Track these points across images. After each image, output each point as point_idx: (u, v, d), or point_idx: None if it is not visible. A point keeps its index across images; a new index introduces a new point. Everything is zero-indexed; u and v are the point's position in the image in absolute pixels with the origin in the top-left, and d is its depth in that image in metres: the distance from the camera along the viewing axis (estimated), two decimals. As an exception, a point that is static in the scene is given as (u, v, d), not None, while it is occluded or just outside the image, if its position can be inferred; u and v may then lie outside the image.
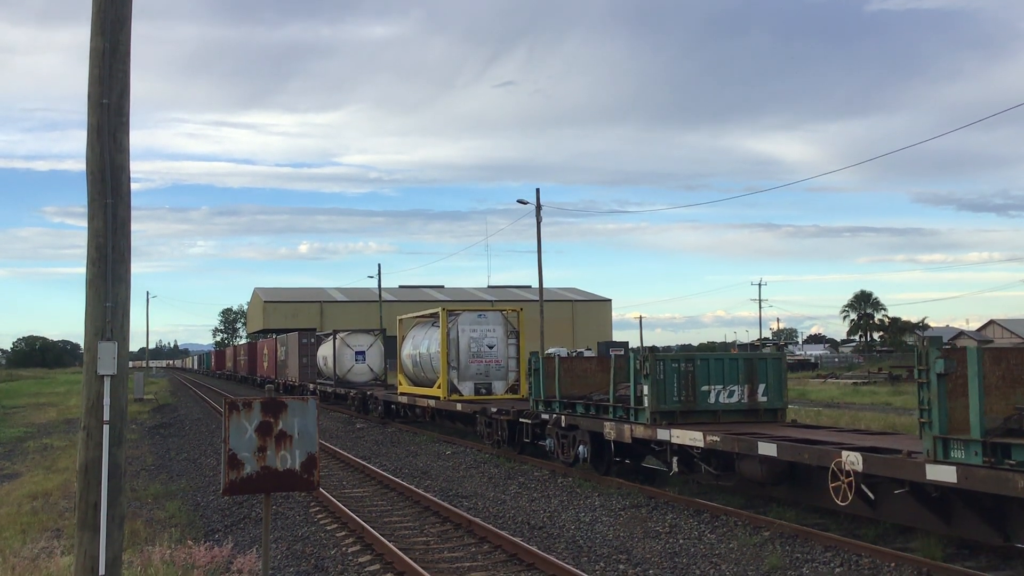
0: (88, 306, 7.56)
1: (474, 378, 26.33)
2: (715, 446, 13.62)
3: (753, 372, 16.03)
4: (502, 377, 26.60)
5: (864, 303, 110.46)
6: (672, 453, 14.95)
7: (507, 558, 11.30)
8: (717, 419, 15.61)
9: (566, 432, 18.13)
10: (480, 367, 26.44)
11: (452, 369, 26.15)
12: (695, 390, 15.66)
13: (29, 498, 16.59)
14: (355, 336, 42.26)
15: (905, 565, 10.24)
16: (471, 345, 26.31)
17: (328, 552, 12.04)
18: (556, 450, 18.57)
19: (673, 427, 14.79)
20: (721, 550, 11.60)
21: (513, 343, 26.80)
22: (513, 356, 26.80)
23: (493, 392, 26.20)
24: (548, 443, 18.96)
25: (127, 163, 7.73)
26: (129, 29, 7.74)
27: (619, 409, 16.62)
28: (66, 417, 38.05)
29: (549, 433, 18.88)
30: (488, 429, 22.59)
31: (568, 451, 18.08)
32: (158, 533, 12.98)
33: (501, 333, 26.70)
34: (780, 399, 16.24)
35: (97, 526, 7.38)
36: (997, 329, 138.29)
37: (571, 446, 17.93)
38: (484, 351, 26.46)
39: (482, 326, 26.50)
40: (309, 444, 8.34)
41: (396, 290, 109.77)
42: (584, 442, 17.41)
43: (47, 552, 11.60)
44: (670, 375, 15.49)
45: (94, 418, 7.49)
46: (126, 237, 7.68)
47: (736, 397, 15.89)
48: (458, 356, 26.22)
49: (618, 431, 16.11)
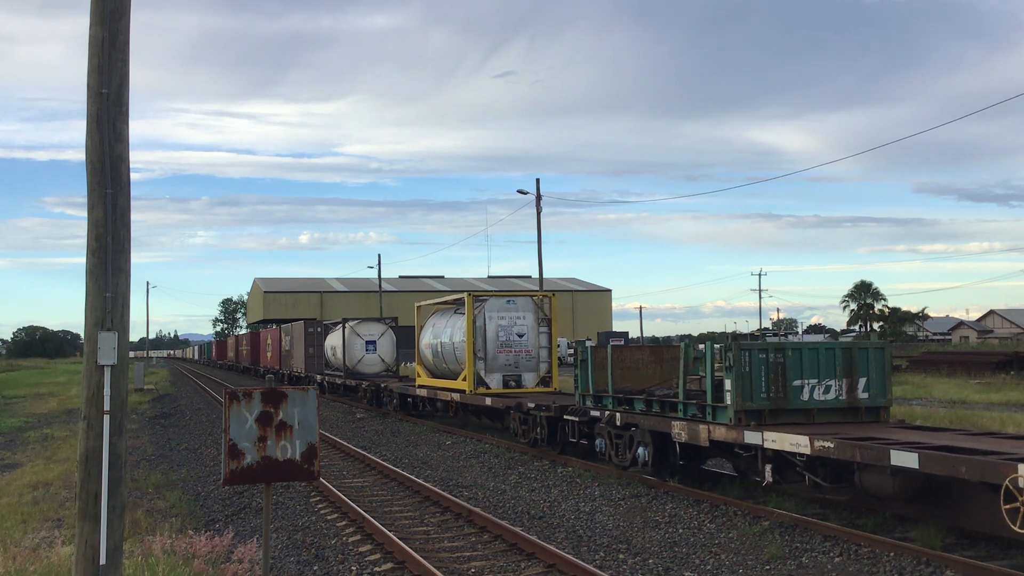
0: (88, 296, 7.56)
1: (502, 370, 24.34)
2: (826, 453, 11.54)
3: (853, 364, 13.81)
4: (533, 369, 24.65)
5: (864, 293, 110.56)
6: (765, 460, 12.84)
7: (507, 548, 11.32)
8: (811, 419, 13.56)
9: (621, 432, 16.23)
10: (509, 358, 24.43)
11: (479, 360, 24.13)
12: (786, 385, 13.51)
13: (30, 488, 16.62)
14: (365, 325, 40.54)
15: (904, 554, 10.27)
16: (499, 334, 24.30)
17: (328, 542, 12.07)
18: (608, 451, 16.69)
19: (766, 429, 12.76)
20: (721, 540, 11.63)
21: (544, 331, 24.74)
22: (544, 346, 24.76)
23: (523, 385, 24.39)
24: (598, 443, 17.04)
25: (127, 153, 7.72)
26: (128, 18, 7.72)
27: (691, 407, 14.56)
28: (66, 407, 38.11)
29: (600, 432, 17.00)
30: (523, 427, 20.63)
31: (623, 453, 16.14)
32: (159, 523, 13.01)
33: (531, 320, 24.60)
34: (883, 396, 14.04)
35: (98, 516, 7.39)
36: (997, 319, 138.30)
37: (627, 447, 16.03)
38: (513, 340, 24.44)
39: (511, 313, 24.43)
40: (309, 434, 8.34)
41: (396, 280, 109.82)
42: (644, 443, 15.48)
43: (48, 542, 11.63)
44: (757, 368, 13.40)
45: (94, 408, 7.50)
46: (126, 227, 7.67)
47: (833, 393, 13.72)
48: (485, 346, 24.18)
49: (691, 432, 14.08)
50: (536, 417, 19.74)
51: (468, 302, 24.32)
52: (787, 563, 10.42)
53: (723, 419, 13.63)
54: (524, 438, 20.56)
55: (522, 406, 20.53)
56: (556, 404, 19.13)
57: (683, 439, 14.36)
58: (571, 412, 18.14)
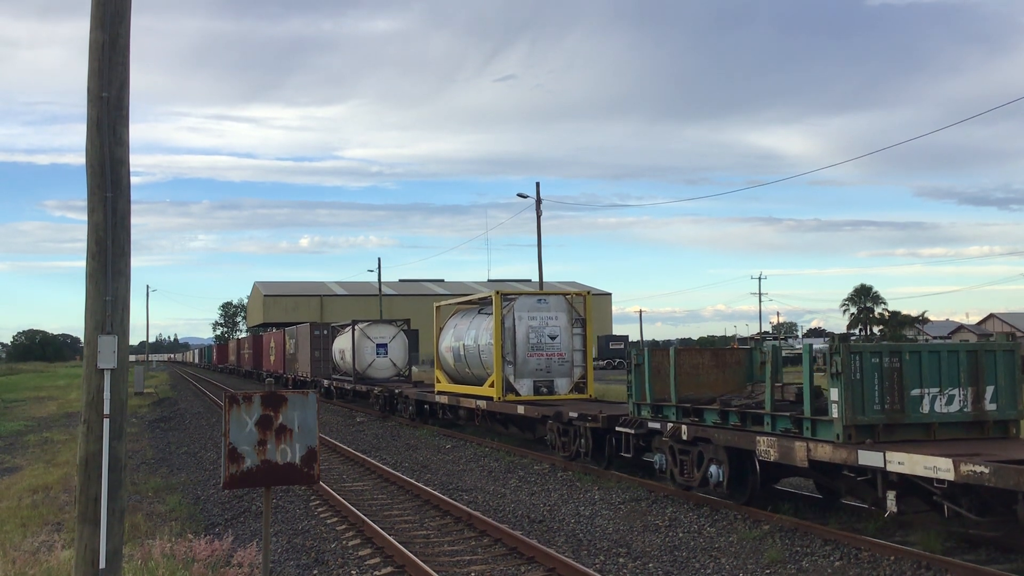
0: (88, 300, 7.55)
1: (533, 375, 22.33)
2: (978, 481, 9.38)
3: (979, 370, 11.81)
4: (566, 373, 22.60)
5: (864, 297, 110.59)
6: (888, 485, 10.72)
7: (507, 551, 11.31)
8: (931, 435, 11.56)
9: (687, 447, 14.30)
10: (540, 362, 22.42)
11: (507, 364, 22.14)
12: (903, 395, 11.49)
13: (29, 492, 16.61)
14: (376, 327, 38.58)
15: (904, 558, 10.25)
16: (530, 335, 22.26)
17: (328, 546, 12.06)
18: (670, 468, 14.80)
19: (887, 448, 10.63)
20: (721, 544, 11.61)
21: (579, 333, 22.75)
22: (579, 348, 22.76)
23: (556, 391, 22.37)
24: (658, 460, 15.15)
25: (127, 157, 7.72)
26: (128, 22, 7.72)
27: (782, 420, 12.40)
28: (66, 411, 38.10)
29: (659, 447, 15.08)
30: (562, 438, 18.69)
31: (689, 471, 14.24)
32: (158, 527, 13.00)
33: (564, 321, 22.61)
34: (1013, 407, 11.92)
35: (97, 520, 7.38)
36: (997, 323, 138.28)
37: (694, 465, 14.10)
38: (545, 342, 22.39)
39: (542, 313, 22.43)
40: (309, 438, 8.33)
41: (396, 284, 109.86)
42: (718, 461, 13.47)
43: (47, 546, 11.61)
44: (869, 374, 11.42)
45: (94, 412, 7.49)
46: (126, 231, 7.67)
47: (956, 404, 11.70)
48: (514, 349, 22.15)
49: (782, 450, 12.00)
50: (579, 428, 17.83)
51: (496, 301, 22.43)
52: (787, 567, 10.41)
53: (827, 435, 11.56)
54: (563, 451, 18.64)
55: (562, 415, 18.59)
56: (603, 414, 17.05)
57: (772, 458, 12.21)
58: (624, 423, 15.99)
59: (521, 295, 22.88)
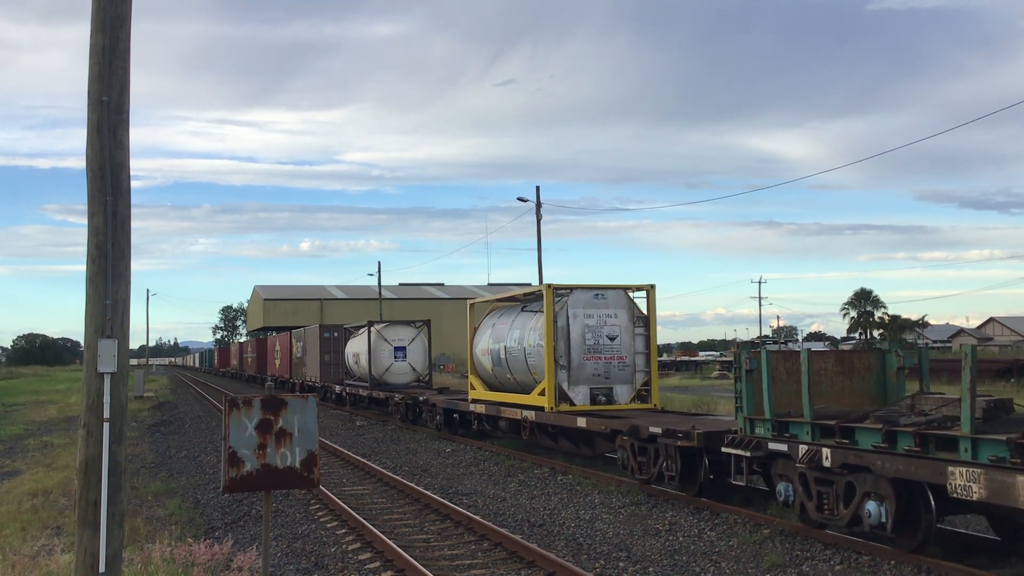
0: (88, 303, 7.56)
1: (590, 381, 19.52)
2: None
3: None
4: (627, 380, 19.77)
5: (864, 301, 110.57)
6: None
7: (507, 555, 11.30)
8: None
9: (829, 476, 11.32)
10: (598, 366, 19.57)
11: (560, 369, 19.34)
12: None
13: (29, 496, 16.60)
14: (394, 329, 35.62)
15: (905, 563, 10.25)
16: (586, 336, 19.47)
17: (328, 550, 12.05)
18: (799, 500, 11.88)
19: None
20: (721, 548, 11.61)
21: (641, 333, 19.93)
22: (641, 351, 19.91)
23: (615, 400, 19.58)
24: (782, 490, 12.20)
25: (127, 161, 7.73)
26: (129, 26, 7.74)
27: (991, 445, 9.21)
28: (66, 415, 38.07)
29: (783, 474, 12.23)
30: (640, 457, 15.85)
31: (832, 506, 11.27)
32: (158, 531, 12.99)
33: (625, 319, 19.78)
34: None
35: (97, 524, 7.38)
36: (997, 326, 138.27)
37: (838, 499, 11.17)
38: (603, 344, 19.59)
39: (600, 310, 19.68)
40: (309, 442, 8.33)
41: (396, 287, 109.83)
42: (879, 496, 10.59)
43: (47, 550, 11.61)
44: None
45: (94, 416, 7.49)
46: (126, 234, 7.67)
47: None
48: (568, 351, 19.34)
49: (994, 487, 8.95)
50: (664, 447, 15.00)
51: (548, 295, 19.54)
52: (788, 571, 10.40)
53: None
54: (639, 473, 15.87)
55: (639, 431, 15.77)
56: (698, 430, 14.14)
57: (975, 495, 9.22)
58: (733, 444, 12.91)
59: (576, 289, 19.91)
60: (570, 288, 19.86)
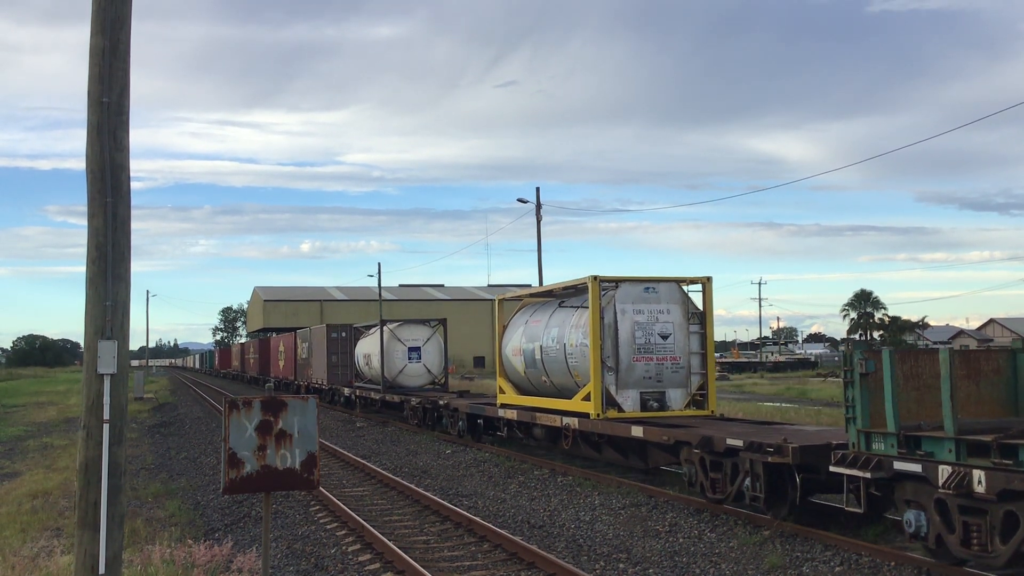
0: (88, 305, 7.56)
1: (640, 384, 17.55)
2: None
3: None
4: (681, 383, 17.78)
5: (864, 302, 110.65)
6: None
7: (507, 557, 11.30)
8: None
9: (979, 505, 9.35)
10: (649, 368, 17.60)
11: (608, 371, 17.41)
12: None
13: (29, 497, 16.59)
14: (408, 328, 34.06)
15: (905, 564, 10.24)
16: (636, 334, 17.52)
17: (328, 551, 12.04)
18: (935, 532, 9.93)
19: None
20: (721, 549, 11.60)
21: (696, 331, 17.97)
22: (697, 351, 17.93)
23: (668, 405, 17.65)
24: (911, 520, 10.16)
25: (127, 162, 7.73)
26: (129, 28, 7.74)
27: None
28: (66, 416, 38.06)
29: (913, 500, 10.23)
30: (713, 474, 13.77)
31: (985, 541, 9.33)
32: (158, 532, 12.98)
33: (678, 316, 17.84)
34: None
35: (97, 525, 7.38)
36: (997, 328, 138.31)
37: (992, 532, 9.25)
38: (655, 343, 17.65)
39: (651, 305, 17.74)
40: (309, 443, 8.33)
41: (396, 289, 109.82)
42: None
43: (47, 551, 11.61)
44: None
45: (94, 417, 7.49)
46: (126, 236, 7.68)
47: None
48: (616, 351, 17.44)
49: None
50: (745, 463, 12.79)
51: (594, 289, 17.55)
52: (788, 572, 10.39)
53: None
54: (712, 492, 13.81)
55: (712, 443, 13.58)
56: (791, 443, 11.98)
57: None
58: (845, 462, 10.89)
59: (624, 282, 17.90)
60: (617, 281, 17.97)
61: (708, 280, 18.15)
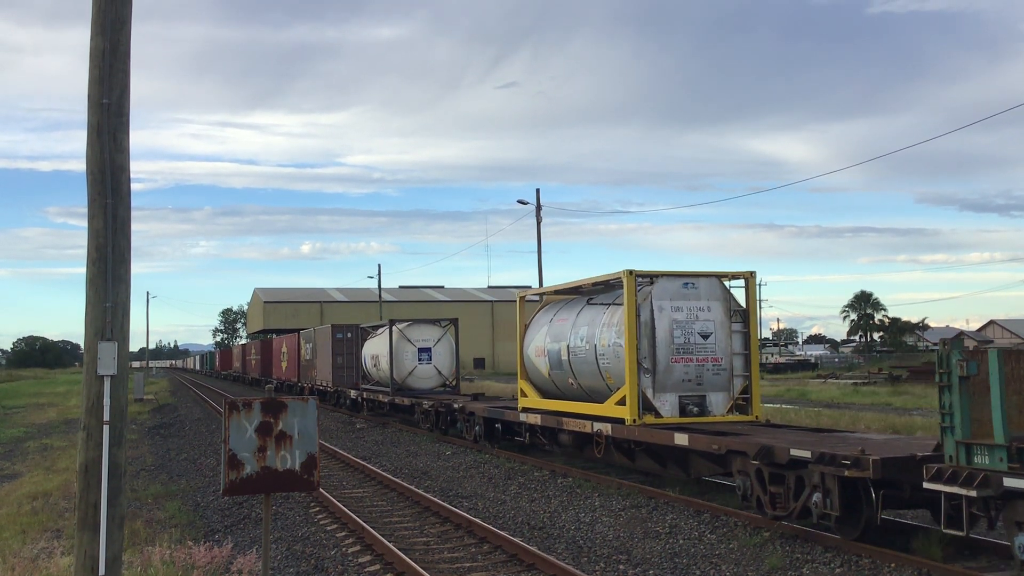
0: (88, 306, 7.56)
1: (679, 388, 16.22)
2: None
3: None
4: (723, 386, 16.45)
5: (864, 303, 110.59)
6: None
7: (507, 558, 11.29)
8: None
9: None
10: (688, 370, 16.27)
11: (644, 373, 16.05)
12: None
13: (29, 498, 16.59)
14: (417, 328, 33.11)
15: (905, 566, 10.24)
16: (674, 333, 16.22)
17: (328, 552, 12.04)
18: None
19: None
20: (721, 550, 11.60)
21: (739, 330, 16.64)
22: (739, 351, 16.59)
23: (708, 410, 16.29)
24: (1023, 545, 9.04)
25: (127, 163, 7.74)
26: (129, 29, 7.75)
27: None
28: (66, 417, 38.08)
29: None
30: (773, 487, 12.23)
31: None
32: (158, 533, 12.98)
33: (719, 313, 16.52)
34: None
35: (97, 526, 7.38)
36: (997, 329, 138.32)
37: None
38: (695, 343, 16.34)
39: (690, 302, 16.43)
40: (309, 444, 8.33)
41: (396, 290, 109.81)
42: None
43: (47, 552, 11.61)
44: None
45: (94, 418, 7.49)
46: (126, 237, 7.68)
47: None
48: (653, 351, 16.09)
49: None
50: (814, 477, 11.33)
51: (629, 284, 16.20)
52: (788, 574, 10.39)
53: None
54: (770, 508, 12.31)
55: (773, 454, 12.11)
56: (870, 455, 10.56)
57: None
58: (944, 477, 9.60)
59: (661, 277, 16.55)
60: (653, 276, 16.63)
61: (751, 275, 16.92)
